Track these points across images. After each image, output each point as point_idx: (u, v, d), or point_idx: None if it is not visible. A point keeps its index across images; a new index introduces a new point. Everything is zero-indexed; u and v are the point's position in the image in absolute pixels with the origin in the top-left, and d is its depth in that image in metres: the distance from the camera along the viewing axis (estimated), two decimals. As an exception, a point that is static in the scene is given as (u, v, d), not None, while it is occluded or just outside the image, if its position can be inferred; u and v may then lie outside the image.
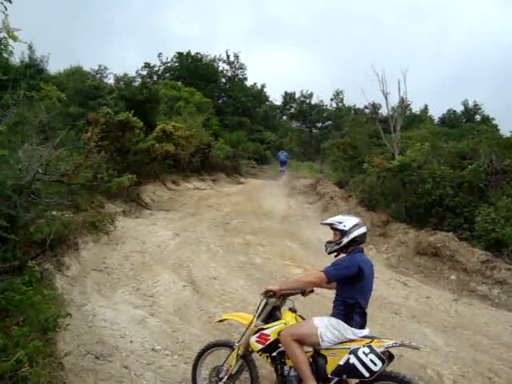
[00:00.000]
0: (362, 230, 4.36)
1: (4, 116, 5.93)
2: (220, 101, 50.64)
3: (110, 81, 37.61)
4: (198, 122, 27.14)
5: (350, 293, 4.15)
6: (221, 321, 5.28)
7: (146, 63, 51.07)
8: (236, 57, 54.70)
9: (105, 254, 9.93)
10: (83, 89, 25.04)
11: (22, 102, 6.46)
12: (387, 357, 3.83)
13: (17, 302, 4.51)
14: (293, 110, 62.17)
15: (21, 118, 5.87)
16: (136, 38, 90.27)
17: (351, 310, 4.12)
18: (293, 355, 4.05)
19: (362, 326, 4.12)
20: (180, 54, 51.16)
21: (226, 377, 4.59)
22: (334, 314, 4.14)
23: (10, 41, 4.95)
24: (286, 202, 20.12)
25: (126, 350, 5.87)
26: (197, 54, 51.58)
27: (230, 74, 55.15)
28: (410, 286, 9.97)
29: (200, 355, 4.95)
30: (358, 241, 4.35)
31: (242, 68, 55.40)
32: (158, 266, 9.65)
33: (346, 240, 4.32)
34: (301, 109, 60.75)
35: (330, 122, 58.05)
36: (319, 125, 60.41)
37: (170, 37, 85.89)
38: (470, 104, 51.65)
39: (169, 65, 52.22)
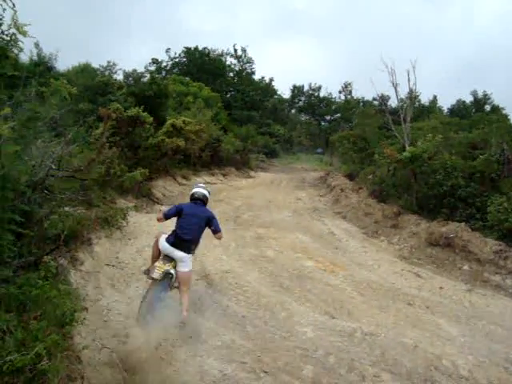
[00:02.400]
0: (193, 190, 7.02)
1: (15, 113, 5.95)
2: (228, 95, 50.60)
3: (120, 77, 37.54)
4: (207, 117, 27.17)
5: (176, 224, 6.60)
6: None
7: (153, 59, 51.10)
8: (244, 51, 54.63)
9: (118, 248, 9.99)
10: (93, 85, 25.03)
11: (33, 98, 6.48)
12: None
13: (34, 297, 4.53)
14: (301, 103, 62.05)
15: (33, 113, 5.88)
16: (153, 34, 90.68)
17: (172, 233, 6.51)
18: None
19: (172, 245, 6.36)
20: (188, 49, 51.12)
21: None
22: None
23: (20, 37, 5.00)
24: (297, 194, 20.12)
25: (141, 344, 5.89)
26: (204, 48, 51.55)
27: (237, 69, 55.03)
28: (422, 277, 9.94)
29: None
30: (194, 197, 6.87)
31: (249, 62, 55.34)
32: (170, 260, 9.69)
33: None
34: (309, 102, 60.64)
35: (338, 114, 57.97)
36: (328, 117, 60.31)
37: (187, 32, 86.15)
38: (480, 94, 51.17)
39: (177, 60, 52.21)
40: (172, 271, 6.21)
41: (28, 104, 6.00)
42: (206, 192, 6.95)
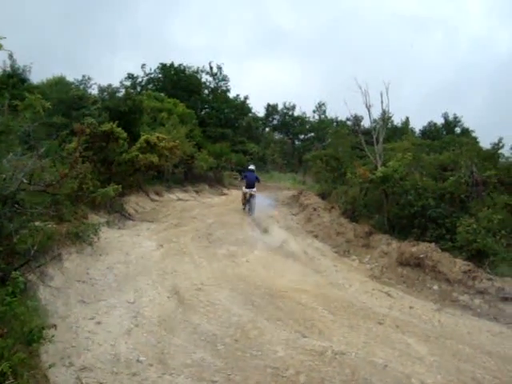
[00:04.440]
0: (249, 167, 19.53)
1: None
2: (203, 112, 50.57)
3: (94, 91, 37.26)
4: (182, 134, 27.10)
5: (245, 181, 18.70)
6: None
7: (129, 74, 50.90)
8: (219, 68, 54.81)
9: (88, 264, 9.85)
10: (67, 99, 24.83)
11: (5, 111, 6.42)
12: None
13: (0, 314, 4.45)
14: (275, 122, 62.36)
15: (5, 127, 5.83)
16: (139, 49, 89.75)
17: (246, 184, 18.51)
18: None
19: (247, 187, 18.28)
20: (163, 66, 51.08)
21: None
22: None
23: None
24: (270, 213, 20.16)
25: (110, 362, 5.83)
26: (180, 65, 51.57)
27: (212, 86, 55.14)
28: (393, 297, 10.03)
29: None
30: (248, 170, 19.07)
31: (224, 80, 55.46)
32: (141, 277, 9.61)
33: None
34: (283, 121, 61.00)
35: (312, 133, 58.41)
36: (302, 136, 60.71)
37: (173, 47, 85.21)
38: (450, 117, 52.10)
39: (152, 76, 52.09)
40: (250, 192, 17.80)
41: (0, 117, 5.94)
42: (253, 167, 19.10)
